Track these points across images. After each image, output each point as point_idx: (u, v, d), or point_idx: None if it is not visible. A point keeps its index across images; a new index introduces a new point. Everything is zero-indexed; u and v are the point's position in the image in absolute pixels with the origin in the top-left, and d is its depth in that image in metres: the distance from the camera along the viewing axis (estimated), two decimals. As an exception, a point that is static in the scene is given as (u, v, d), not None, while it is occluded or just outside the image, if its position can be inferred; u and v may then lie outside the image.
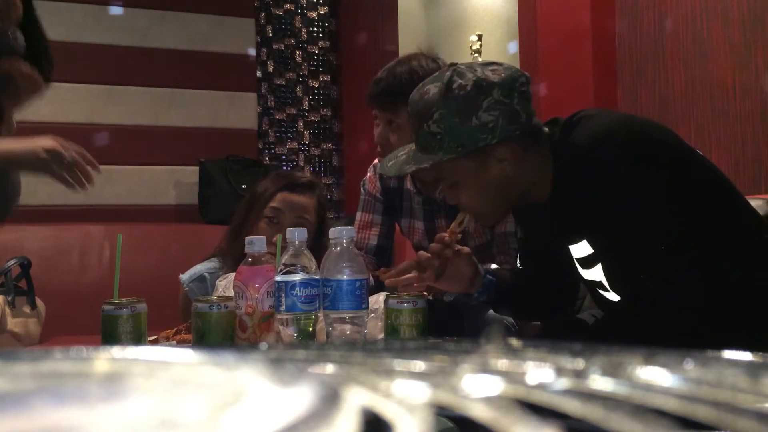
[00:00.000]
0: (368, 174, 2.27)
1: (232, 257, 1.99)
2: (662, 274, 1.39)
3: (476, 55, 4.75)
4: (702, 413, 0.28)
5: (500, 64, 1.52)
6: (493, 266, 1.84)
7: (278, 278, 1.45)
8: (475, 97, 1.45)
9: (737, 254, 1.44)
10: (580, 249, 1.53)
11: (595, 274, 1.53)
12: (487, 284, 1.66)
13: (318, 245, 1.82)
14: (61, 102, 4.02)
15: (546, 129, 1.54)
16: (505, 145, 1.47)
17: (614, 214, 1.41)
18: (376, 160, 2.19)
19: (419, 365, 0.35)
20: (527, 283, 1.71)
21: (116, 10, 4.18)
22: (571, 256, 1.56)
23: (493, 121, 1.45)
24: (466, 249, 1.66)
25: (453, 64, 1.53)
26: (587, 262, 1.53)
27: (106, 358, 0.38)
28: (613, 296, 1.54)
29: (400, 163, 1.56)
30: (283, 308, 1.44)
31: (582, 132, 1.47)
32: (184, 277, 2.07)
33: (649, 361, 0.35)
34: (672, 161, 1.44)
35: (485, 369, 0.34)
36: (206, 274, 2.05)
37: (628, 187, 1.40)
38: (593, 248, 1.50)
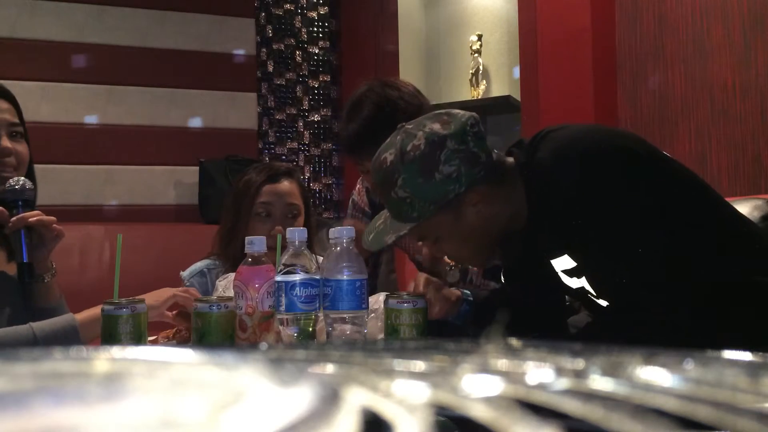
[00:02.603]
0: (357, 186, 2.26)
1: (229, 259, 1.99)
2: (642, 279, 1.40)
3: (476, 55, 4.75)
4: (702, 413, 0.28)
5: (446, 113, 1.51)
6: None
7: (278, 278, 1.45)
8: (431, 153, 1.45)
9: (715, 255, 1.44)
10: (563, 262, 1.53)
11: (582, 282, 1.54)
12: (462, 313, 1.70)
13: (307, 226, 1.84)
14: (61, 102, 4.02)
15: (510, 157, 1.55)
16: (473, 189, 1.47)
17: (586, 227, 1.41)
18: None
19: (419, 365, 0.35)
20: (509, 302, 1.73)
21: (116, 10, 4.18)
22: (553, 271, 1.56)
23: (455, 170, 1.45)
24: (455, 293, 1.69)
25: (401, 126, 1.53)
26: (573, 273, 1.54)
27: (106, 358, 0.38)
28: (601, 302, 1.54)
29: (380, 235, 1.55)
30: (283, 308, 1.44)
31: (544, 149, 1.47)
32: (185, 273, 2.07)
33: (649, 361, 0.35)
34: (638, 168, 1.44)
35: (485, 369, 0.34)
36: (205, 270, 2.06)
37: (593, 199, 1.40)
38: (575, 261, 1.51)
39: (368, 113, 1.94)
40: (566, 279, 1.56)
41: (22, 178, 1.65)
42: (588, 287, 1.52)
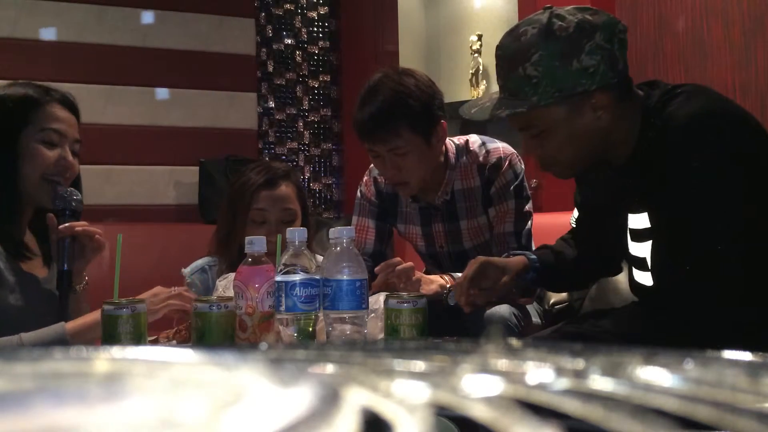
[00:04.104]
0: (365, 178, 2.28)
1: (226, 261, 2.00)
2: (708, 266, 1.36)
3: (476, 55, 4.75)
4: (702, 413, 0.28)
5: (596, 10, 1.46)
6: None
7: (278, 278, 1.45)
8: (578, 40, 1.39)
9: None
10: (639, 220, 1.48)
11: (643, 250, 1.49)
12: (530, 280, 1.69)
13: (304, 227, 1.84)
14: (61, 102, 4.01)
15: (640, 91, 1.49)
16: (602, 92, 1.41)
17: (689, 195, 1.37)
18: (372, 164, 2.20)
19: (419, 365, 0.35)
20: (569, 261, 1.72)
21: (116, 10, 4.18)
22: (625, 226, 1.52)
23: (594, 65, 1.39)
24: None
25: (548, 7, 1.46)
26: (640, 236, 1.49)
27: (106, 358, 0.38)
28: (648, 280, 1.51)
29: (487, 109, 1.49)
30: (283, 308, 1.44)
31: (684, 107, 1.40)
32: (186, 270, 2.08)
33: (649, 361, 0.35)
34: (761, 157, 1.40)
35: (485, 369, 0.34)
36: (206, 267, 2.07)
37: (712, 174, 1.36)
38: (651, 223, 1.46)
39: (384, 97, 1.95)
40: (630, 241, 1.51)
41: (71, 188, 1.70)
42: (647, 257, 1.48)
